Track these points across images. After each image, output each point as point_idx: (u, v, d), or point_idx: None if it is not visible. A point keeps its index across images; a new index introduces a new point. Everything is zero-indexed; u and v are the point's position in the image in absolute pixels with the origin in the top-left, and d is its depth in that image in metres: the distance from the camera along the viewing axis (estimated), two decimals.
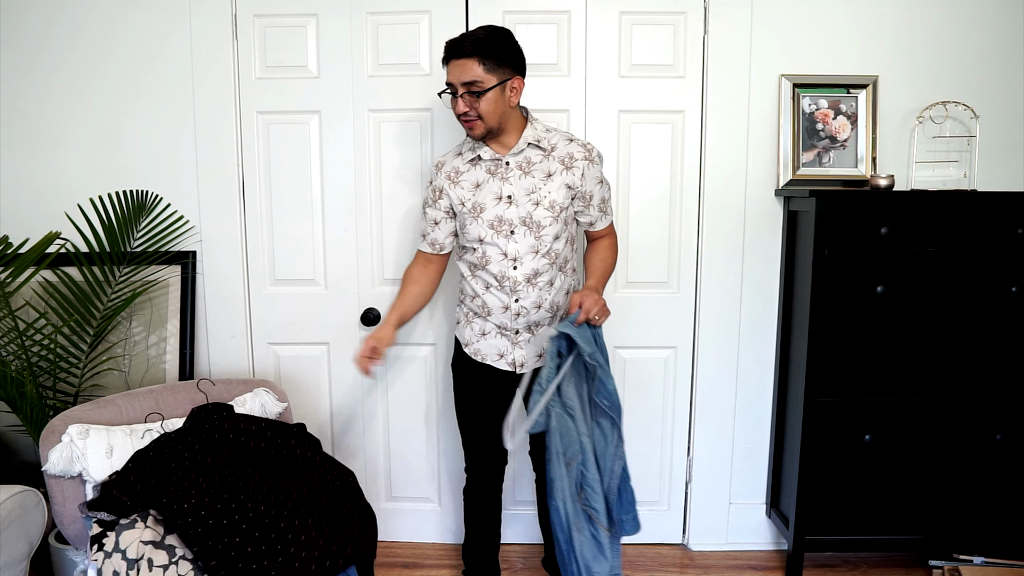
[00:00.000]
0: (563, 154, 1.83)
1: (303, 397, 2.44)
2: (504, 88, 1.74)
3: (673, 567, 2.39)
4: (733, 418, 2.42)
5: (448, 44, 1.75)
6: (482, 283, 1.86)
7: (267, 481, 1.75)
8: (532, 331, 1.89)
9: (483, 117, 1.74)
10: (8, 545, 1.60)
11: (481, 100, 1.72)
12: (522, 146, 1.82)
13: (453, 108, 1.79)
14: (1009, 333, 2.10)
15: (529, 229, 1.80)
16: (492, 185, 1.83)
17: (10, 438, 2.31)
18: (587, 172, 1.83)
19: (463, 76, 1.71)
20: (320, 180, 2.35)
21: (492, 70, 1.71)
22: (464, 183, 1.86)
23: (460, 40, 1.73)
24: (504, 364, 1.90)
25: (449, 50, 1.74)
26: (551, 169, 1.82)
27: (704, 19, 2.25)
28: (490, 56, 1.71)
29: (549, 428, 1.75)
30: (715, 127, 2.29)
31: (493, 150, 1.83)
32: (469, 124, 1.77)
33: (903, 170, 2.27)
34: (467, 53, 1.70)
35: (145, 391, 1.96)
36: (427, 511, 2.52)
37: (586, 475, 1.76)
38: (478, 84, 1.71)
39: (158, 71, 2.30)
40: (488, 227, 1.81)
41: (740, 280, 2.35)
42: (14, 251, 2.03)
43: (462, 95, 1.73)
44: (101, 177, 2.32)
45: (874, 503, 2.17)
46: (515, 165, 1.83)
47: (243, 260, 2.38)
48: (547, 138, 1.84)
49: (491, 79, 1.72)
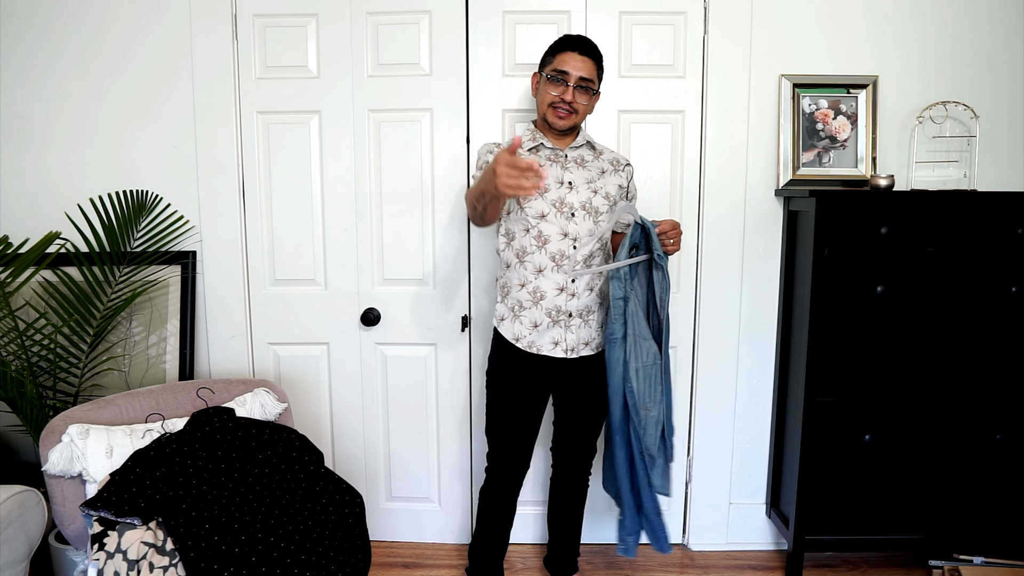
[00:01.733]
0: (611, 158, 1.99)
1: (303, 397, 2.44)
2: (596, 97, 1.93)
3: (673, 567, 2.39)
4: (733, 418, 2.42)
5: (576, 37, 1.88)
6: (534, 268, 1.89)
7: (274, 510, 1.74)
8: (583, 317, 1.92)
9: (578, 112, 1.88)
10: (8, 545, 1.60)
11: (587, 98, 1.88)
12: (580, 142, 1.96)
13: (551, 92, 1.86)
14: (1009, 333, 2.10)
15: (588, 213, 1.89)
16: (554, 170, 1.92)
17: (10, 438, 2.31)
18: (632, 178, 2.03)
19: (584, 71, 1.84)
20: (320, 180, 2.35)
21: (599, 78, 1.91)
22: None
23: (588, 40, 1.88)
24: (559, 351, 1.92)
25: (577, 43, 1.86)
26: (604, 168, 1.97)
27: (704, 19, 2.25)
28: (601, 66, 1.91)
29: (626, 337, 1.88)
30: (715, 127, 2.29)
31: (552, 142, 1.94)
32: (563, 114, 1.87)
33: (903, 170, 2.27)
34: (593, 55, 1.86)
35: (145, 391, 1.96)
36: (427, 511, 2.52)
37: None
38: (592, 83, 1.86)
39: (158, 71, 2.30)
40: (551, 205, 1.88)
41: (740, 280, 2.35)
42: (14, 251, 2.04)
43: (575, 87, 1.84)
44: (101, 177, 2.32)
45: (874, 503, 2.17)
46: (572, 159, 1.95)
47: (243, 260, 2.38)
48: (597, 143, 2.01)
49: (598, 84, 1.90)
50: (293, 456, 1.85)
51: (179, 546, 1.59)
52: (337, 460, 2.48)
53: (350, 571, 1.73)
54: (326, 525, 1.76)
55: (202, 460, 1.77)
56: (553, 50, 1.88)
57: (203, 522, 1.65)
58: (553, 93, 1.86)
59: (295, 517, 1.74)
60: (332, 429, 2.48)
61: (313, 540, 1.71)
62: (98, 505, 1.63)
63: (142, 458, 1.73)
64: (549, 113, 1.88)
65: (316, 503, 1.80)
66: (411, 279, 2.38)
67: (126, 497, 1.64)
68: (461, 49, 2.26)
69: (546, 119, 1.89)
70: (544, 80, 1.89)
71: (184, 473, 1.74)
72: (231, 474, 1.77)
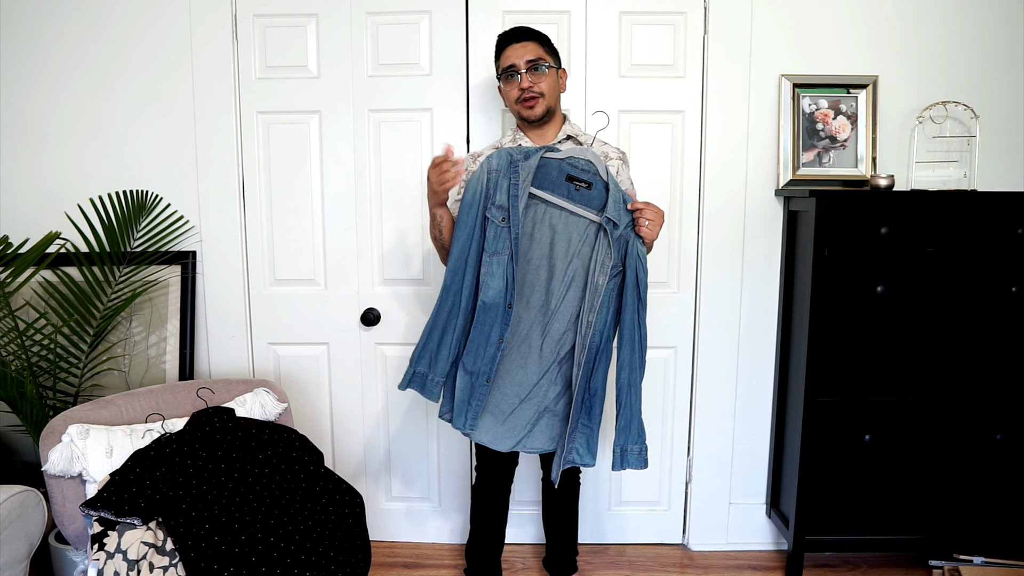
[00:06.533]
0: (599, 152, 1.90)
1: (303, 397, 2.44)
2: (557, 73, 1.91)
3: (673, 567, 2.39)
4: (733, 418, 2.42)
5: (509, 31, 1.90)
6: None
7: (274, 511, 1.74)
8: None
9: (545, 95, 1.86)
10: (8, 545, 1.60)
11: (545, 78, 1.85)
12: (561, 137, 1.93)
13: (511, 90, 1.88)
14: (1009, 333, 2.10)
15: None
16: None
17: (10, 438, 2.31)
18: (621, 171, 1.94)
19: (527, 55, 1.85)
20: (320, 180, 2.34)
21: (551, 54, 1.90)
22: None
23: (520, 27, 1.91)
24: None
25: (509, 36, 1.89)
26: None
27: (704, 19, 2.25)
28: (546, 44, 1.90)
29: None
30: (715, 127, 2.29)
31: (533, 142, 1.93)
32: (531, 102, 1.86)
33: (903, 170, 2.27)
34: (530, 37, 1.87)
35: (145, 391, 1.95)
36: (427, 511, 2.52)
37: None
38: (542, 60, 1.86)
39: (158, 71, 2.30)
40: None
41: (740, 280, 2.35)
42: (14, 251, 2.04)
43: (526, 72, 1.85)
44: (101, 177, 2.32)
45: (874, 503, 2.17)
46: None
47: (243, 260, 2.38)
48: (583, 136, 1.96)
49: (551, 60, 1.89)
50: (293, 456, 1.85)
51: (179, 546, 1.59)
52: (337, 460, 2.48)
53: (350, 571, 1.73)
54: (326, 525, 1.76)
55: (202, 460, 1.77)
56: (496, 55, 1.92)
57: (203, 522, 1.65)
58: (512, 89, 1.88)
59: (295, 517, 1.74)
60: (332, 429, 2.48)
61: (313, 540, 1.71)
62: (98, 505, 1.63)
63: (142, 458, 1.73)
64: (521, 109, 1.89)
65: (316, 503, 1.80)
66: (411, 279, 2.38)
67: (126, 497, 1.64)
68: (461, 49, 2.26)
69: (521, 116, 1.91)
70: (503, 84, 1.91)
71: (184, 473, 1.74)
72: (231, 474, 1.77)
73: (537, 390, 1.80)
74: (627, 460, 1.81)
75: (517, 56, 1.85)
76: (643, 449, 1.83)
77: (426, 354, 1.81)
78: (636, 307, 1.75)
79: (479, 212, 1.74)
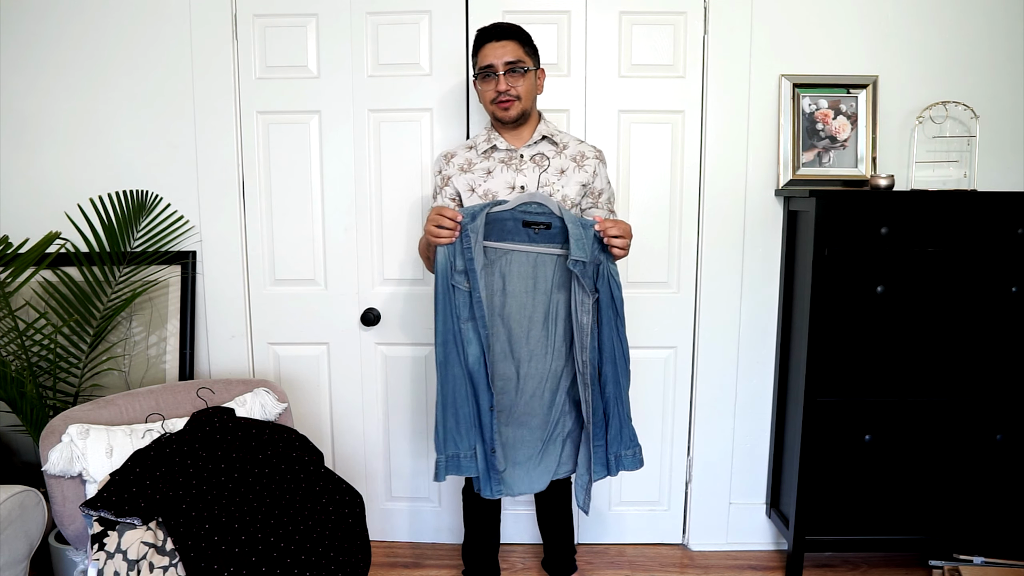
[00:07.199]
0: (575, 152, 1.90)
1: (303, 397, 2.44)
2: (536, 74, 1.87)
3: (673, 567, 2.39)
4: (733, 418, 2.42)
5: (489, 27, 1.84)
6: None
7: (275, 511, 1.74)
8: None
9: (521, 98, 1.82)
10: (8, 545, 1.60)
11: (523, 80, 1.81)
12: (536, 138, 1.89)
13: (487, 90, 1.84)
14: (1009, 333, 2.10)
15: None
16: (506, 175, 1.87)
17: (10, 438, 2.31)
18: (598, 170, 1.91)
19: (507, 56, 1.80)
20: (320, 180, 2.34)
21: (530, 55, 1.85)
22: (476, 171, 1.90)
23: (500, 24, 1.84)
24: None
25: (488, 33, 1.83)
26: (563, 167, 1.88)
27: (704, 19, 2.25)
28: (527, 43, 1.85)
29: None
30: (715, 127, 2.29)
31: (508, 142, 1.89)
32: (506, 104, 1.82)
33: (903, 170, 2.27)
34: (510, 36, 1.81)
35: (145, 391, 1.96)
36: (427, 511, 2.52)
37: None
38: (521, 63, 1.81)
39: (158, 71, 2.30)
40: None
41: (740, 280, 2.35)
42: (14, 251, 2.04)
43: (504, 74, 1.80)
44: (101, 177, 2.32)
45: (874, 503, 2.17)
46: (529, 158, 1.89)
47: (243, 260, 2.38)
48: (559, 135, 1.93)
49: (530, 62, 1.84)
50: (293, 456, 1.85)
51: (179, 546, 1.59)
52: (337, 460, 2.48)
53: (350, 571, 1.73)
54: (326, 525, 1.76)
55: (202, 460, 1.77)
56: (474, 51, 1.86)
57: (203, 522, 1.65)
58: (488, 89, 1.84)
59: (295, 517, 1.74)
60: (332, 429, 2.48)
61: (313, 540, 1.71)
62: (98, 505, 1.62)
63: (142, 458, 1.73)
64: (495, 110, 1.85)
65: (316, 503, 1.80)
66: (411, 279, 2.37)
67: (126, 497, 1.64)
68: (461, 49, 2.26)
69: (496, 117, 1.88)
70: (479, 83, 1.87)
71: (184, 473, 1.74)
72: (231, 474, 1.77)
73: (554, 426, 1.83)
74: (622, 464, 1.85)
75: (496, 56, 1.80)
76: (636, 451, 1.86)
77: (449, 436, 1.79)
78: (615, 323, 1.78)
79: (448, 282, 1.73)
